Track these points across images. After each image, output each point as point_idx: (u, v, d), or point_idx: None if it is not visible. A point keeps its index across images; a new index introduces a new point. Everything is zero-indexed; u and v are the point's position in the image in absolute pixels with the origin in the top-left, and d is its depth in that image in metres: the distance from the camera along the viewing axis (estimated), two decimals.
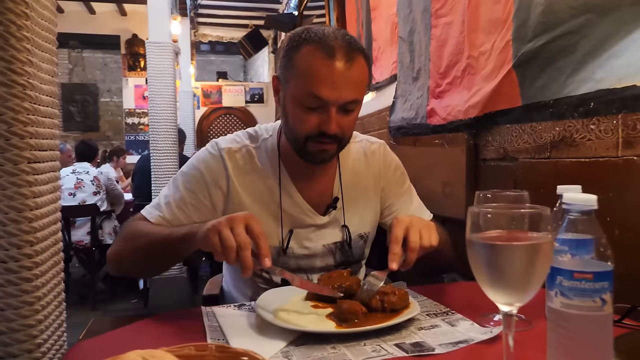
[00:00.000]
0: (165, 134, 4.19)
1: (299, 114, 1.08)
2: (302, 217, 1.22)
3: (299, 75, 1.07)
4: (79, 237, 4.26)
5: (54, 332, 1.03)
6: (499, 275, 0.60)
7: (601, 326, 0.63)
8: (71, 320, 4.19)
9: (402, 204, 1.33)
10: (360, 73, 1.08)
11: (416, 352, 0.78)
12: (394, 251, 0.96)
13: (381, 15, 2.65)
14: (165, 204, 1.18)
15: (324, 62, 1.03)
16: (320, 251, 1.24)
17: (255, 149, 1.23)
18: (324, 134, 1.08)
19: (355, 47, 1.07)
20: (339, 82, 1.04)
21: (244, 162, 1.21)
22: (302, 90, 1.06)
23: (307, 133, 1.09)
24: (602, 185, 1.06)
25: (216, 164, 1.20)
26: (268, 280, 1.23)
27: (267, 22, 6.94)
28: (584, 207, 0.64)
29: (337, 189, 1.26)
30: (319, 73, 1.04)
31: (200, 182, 1.19)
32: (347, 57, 1.04)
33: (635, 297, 0.96)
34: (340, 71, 1.04)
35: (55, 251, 1.07)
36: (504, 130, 1.45)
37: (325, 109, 1.06)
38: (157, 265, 1.18)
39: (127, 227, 1.17)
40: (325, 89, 1.04)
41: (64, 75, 9.91)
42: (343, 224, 1.25)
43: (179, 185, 1.20)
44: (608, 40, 1.04)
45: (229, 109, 10.21)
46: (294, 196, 1.22)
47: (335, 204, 1.24)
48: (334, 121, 1.06)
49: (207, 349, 0.61)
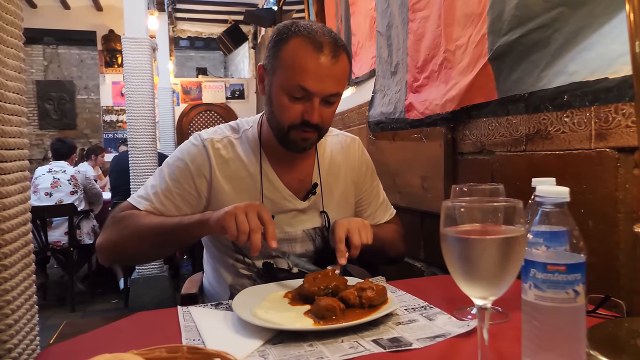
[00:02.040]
0: (144, 132, 4.13)
1: (284, 103, 1.14)
2: (282, 202, 1.27)
3: (286, 66, 1.12)
4: (56, 238, 4.19)
5: (25, 337, 1.01)
6: (472, 269, 0.60)
7: (574, 317, 0.63)
8: (49, 322, 4.12)
9: (372, 199, 1.44)
10: (344, 69, 1.15)
11: (393, 348, 0.78)
12: (340, 249, 1.13)
13: (360, 10, 2.64)
14: (154, 194, 1.23)
15: (312, 55, 1.09)
16: (300, 236, 1.29)
17: (236, 140, 1.29)
18: (306, 123, 1.14)
19: (340, 44, 1.14)
20: (325, 75, 1.10)
21: (226, 152, 1.26)
22: (288, 80, 1.11)
23: (291, 122, 1.15)
24: (575, 177, 1.07)
25: (199, 154, 1.25)
26: (250, 265, 1.28)
27: (246, 18, 6.88)
28: (556, 199, 0.64)
29: (316, 176, 1.32)
30: (307, 66, 1.09)
31: (185, 173, 1.24)
32: (333, 52, 1.11)
33: (609, 287, 0.97)
34: (327, 66, 1.10)
35: (26, 253, 1.04)
36: (480, 123, 1.46)
37: (309, 100, 1.12)
38: (162, 250, 1.28)
39: (119, 216, 1.21)
40: (311, 81, 1.10)
41: (39, 72, 9.71)
42: (322, 210, 1.31)
43: (165, 176, 1.25)
44: (580, 34, 1.05)
45: (210, 105, 10.11)
46: (275, 182, 1.27)
47: (315, 190, 1.30)
48: (316, 111, 1.13)
49: (179, 351, 0.59)
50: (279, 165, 1.28)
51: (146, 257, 1.41)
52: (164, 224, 1.16)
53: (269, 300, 0.99)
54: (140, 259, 1.45)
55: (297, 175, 1.30)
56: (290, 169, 1.29)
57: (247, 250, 1.24)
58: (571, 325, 0.63)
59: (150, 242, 1.18)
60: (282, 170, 1.28)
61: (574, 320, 0.63)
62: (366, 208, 1.43)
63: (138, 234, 1.17)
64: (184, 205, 1.23)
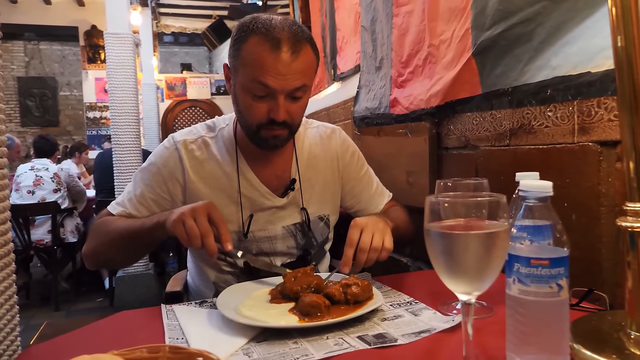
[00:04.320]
0: (128, 128, 4.08)
1: (249, 103, 1.12)
2: (261, 200, 1.25)
3: (246, 64, 1.09)
4: (39, 236, 4.13)
5: (5, 337, 0.98)
6: (455, 264, 0.59)
7: (558, 311, 0.64)
8: (33, 321, 4.07)
9: (364, 187, 1.38)
10: (307, 62, 1.11)
11: (379, 344, 0.77)
12: (346, 254, 1.03)
13: (344, 5, 2.63)
14: (128, 200, 1.24)
15: (270, 53, 1.06)
16: (281, 233, 1.27)
17: (211, 139, 1.27)
18: (273, 122, 1.11)
19: (301, 37, 1.10)
20: (284, 72, 1.07)
21: (200, 152, 1.24)
22: (249, 79, 1.09)
23: (258, 121, 1.12)
24: (559, 171, 1.07)
25: (172, 157, 1.24)
26: (232, 263, 1.27)
27: (231, 13, 6.85)
28: (539, 193, 0.64)
29: (294, 172, 1.29)
30: (265, 63, 1.06)
31: (158, 177, 1.23)
32: (293, 48, 1.07)
33: (592, 281, 0.98)
34: (286, 62, 1.06)
35: (5, 252, 1.02)
36: (465, 118, 1.46)
37: (273, 97, 1.09)
38: (132, 254, 1.24)
39: (96, 224, 1.23)
40: (271, 78, 1.07)
41: (20, 69, 9.54)
42: (302, 207, 1.28)
43: (138, 181, 1.25)
44: (563, 28, 1.05)
45: (195, 101, 10.05)
46: (252, 180, 1.24)
47: (293, 186, 1.27)
48: (282, 109, 1.10)
49: (160, 351, 0.59)
50: (256, 162, 1.25)
51: (120, 261, 1.34)
52: (129, 227, 1.15)
53: (254, 298, 0.98)
54: (116, 263, 1.39)
55: (275, 172, 1.27)
56: (267, 165, 1.26)
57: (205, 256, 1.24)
58: (555, 319, 0.63)
59: (119, 246, 1.18)
60: (259, 168, 1.25)
61: (558, 314, 0.63)
62: (360, 197, 1.38)
63: (108, 240, 1.18)
64: (158, 209, 1.21)
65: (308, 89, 1.15)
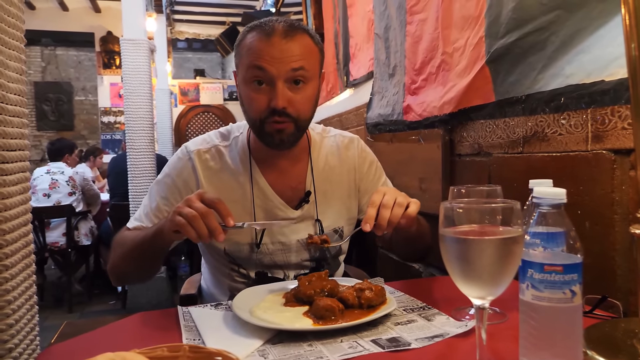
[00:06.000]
0: (142, 133, 4.13)
1: (250, 95, 1.11)
2: (275, 211, 1.23)
3: (243, 56, 1.12)
4: (54, 239, 4.19)
5: (25, 337, 1.01)
6: (470, 269, 0.60)
7: (571, 317, 0.64)
8: (47, 323, 4.11)
9: None
10: (304, 45, 1.11)
11: (392, 348, 0.78)
12: (369, 213, 0.99)
13: (357, 12, 2.65)
14: (145, 214, 1.23)
15: (263, 39, 1.08)
16: (295, 246, 1.25)
17: (225, 148, 1.25)
18: (274, 111, 1.09)
19: (298, 26, 1.11)
20: (279, 55, 1.07)
21: (214, 162, 1.23)
22: (246, 67, 1.10)
23: (260, 113, 1.11)
24: (572, 178, 1.08)
25: (185, 168, 1.23)
26: (245, 274, 1.25)
27: (244, 19, 6.91)
28: (553, 201, 0.65)
29: (309, 183, 1.26)
30: (259, 48, 1.08)
31: (173, 189, 1.23)
32: (286, 33, 1.08)
33: (605, 288, 0.98)
34: (279, 44, 1.07)
35: (26, 253, 1.04)
36: (478, 125, 1.47)
37: (272, 85, 1.08)
38: (144, 266, 1.19)
39: (114, 239, 1.22)
40: (265, 62, 1.07)
41: (37, 74, 9.68)
42: (316, 218, 1.26)
43: (154, 194, 1.24)
44: (577, 36, 1.06)
45: (207, 106, 10.12)
46: (266, 191, 1.22)
47: (308, 198, 1.25)
48: (280, 94, 1.08)
49: (180, 350, 0.60)
50: (270, 172, 1.23)
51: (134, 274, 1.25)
52: (135, 239, 1.13)
53: (268, 301, 1.00)
54: (132, 277, 1.30)
55: (289, 183, 1.24)
56: (281, 175, 1.24)
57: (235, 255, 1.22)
58: (568, 325, 0.64)
59: (130, 259, 1.16)
60: (274, 178, 1.23)
61: (571, 320, 0.64)
62: None
63: (122, 253, 1.17)
64: None
65: (310, 75, 1.12)
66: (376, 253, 2.27)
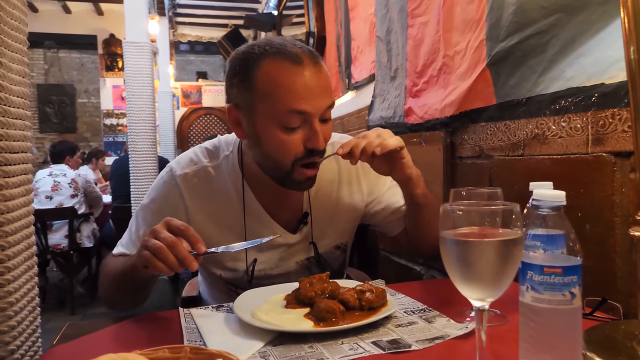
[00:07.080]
0: (144, 135, 4.15)
1: (281, 138, 0.98)
2: None
3: (268, 94, 0.96)
4: (56, 241, 4.20)
5: (27, 338, 1.01)
6: (470, 271, 0.61)
7: (571, 319, 0.64)
8: (49, 325, 4.12)
9: (390, 197, 1.26)
10: (328, 76, 1.02)
11: (393, 349, 0.78)
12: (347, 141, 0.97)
13: (359, 15, 2.65)
14: (131, 241, 1.17)
15: (294, 71, 0.95)
16: (294, 268, 1.20)
17: (214, 168, 1.15)
18: (313, 152, 0.99)
19: (313, 51, 1.01)
20: (315, 90, 0.96)
21: (202, 186, 1.13)
22: (279, 110, 0.95)
23: (295, 157, 0.99)
24: (573, 181, 1.08)
25: (172, 194, 1.14)
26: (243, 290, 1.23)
27: (246, 22, 6.92)
28: (553, 203, 0.65)
29: (306, 203, 1.18)
30: (294, 85, 0.94)
31: (158, 216, 1.08)
32: (313, 60, 0.98)
33: (606, 291, 0.98)
34: (314, 77, 0.96)
35: (29, 255, 1.05)
36: (479, 128, 1.47)
37: (308, 124, 0.97)
38: (131, 295, 1.12)
39: (102, 265, 1.18)
40: (304, 101, 0.94)
41: (40, 76, 9.73)
42: (310, 241, 1.19)
43: (140, 220, 1.17)
44: (577, 39, 1.06)
45: (210, 109, 10.16)
46: (261, 217, 1.14)
47: (306, 219, 1.18)
48: (320, 134, 0.97)
49: (181, 351, 0.60)
50: (265, 196, 1.13)
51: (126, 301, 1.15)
52: (117, 269, 1.06)
53: (270, 302, 1.00)
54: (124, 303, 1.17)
55: (286, 206, 1.16)
56: (277, 198, 1.14)
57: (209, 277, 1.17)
58: (568, 327, 0.64)
59: (117, 287, 1.09)
60: (268, 201, 1.14)
61: (571, 322, 0.64)
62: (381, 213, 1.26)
63: (108, 283, 1.11)
64: None
65: None
66: (378, 255, 2.27)
